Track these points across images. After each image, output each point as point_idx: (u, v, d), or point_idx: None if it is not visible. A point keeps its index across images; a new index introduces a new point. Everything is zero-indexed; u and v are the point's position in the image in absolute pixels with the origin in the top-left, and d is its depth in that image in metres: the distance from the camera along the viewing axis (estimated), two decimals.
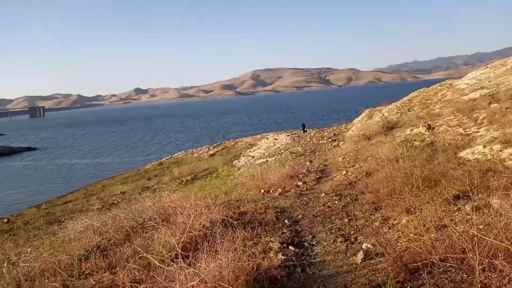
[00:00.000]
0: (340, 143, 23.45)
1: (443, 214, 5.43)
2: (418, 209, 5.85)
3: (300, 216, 7.06)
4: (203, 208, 7.84)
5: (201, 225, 6.62)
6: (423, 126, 13.40)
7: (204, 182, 23.37)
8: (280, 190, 9.64)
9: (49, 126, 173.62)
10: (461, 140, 10.34)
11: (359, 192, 7.98)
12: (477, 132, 10.50)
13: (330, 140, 26.33)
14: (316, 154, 20.86)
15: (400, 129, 15.90)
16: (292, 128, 47.53)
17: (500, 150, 7.90)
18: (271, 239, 5.81)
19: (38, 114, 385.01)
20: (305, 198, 8.43)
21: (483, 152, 8.34)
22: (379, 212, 6.44)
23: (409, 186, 6.92)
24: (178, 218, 7.18)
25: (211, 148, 45.79)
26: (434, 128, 13.31)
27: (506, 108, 10.81)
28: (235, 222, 6.87)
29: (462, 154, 8.97)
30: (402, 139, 13.26)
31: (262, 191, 9.95)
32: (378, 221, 5.92)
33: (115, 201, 25.10)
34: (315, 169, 12.43)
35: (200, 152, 45.13)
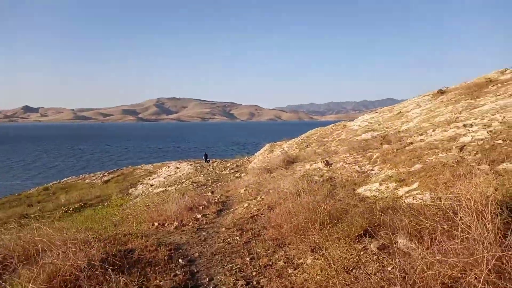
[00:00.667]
0: (242, 174, 23.30)
1: (349, 253, 5.16)
2: (323, 247, 5.53)
3: (197, 254, 6.24)
4: (82, 244, 6.56)
5: (75, 266, 5.38)
6: (321, 162, 13.79)
7: (94, 211, 20.98)
8: (177, 223, 8.70)
9: None
10: (358, 177, 10.73)
11: (262, 226, 7.49)
12: (372, 170, 11.03)
13: (232, 171, 26.08)
14: (219, 185, 20.28)
15: (300, 164, 16.24)
16: (195, 158, 46.63)
17: (395, 188, 8.22)
18: (161, 283, 4.89)
19: None
20: (204, 233, 7.64)
21: (379, 189, 8.62)
22: (283, 250, 5.98)
23: (312, 222, 6.66)
24: (46, 257, 5.80)
25: (106, 174, 42.50)
26: (331, 164, 13.80)
27: (397, 150, 11.65)
28: (118, 261, 5.76)
29: (360, 190, 9.19)
30: (302, 173, 13.43)
31: (156, 224, 8.87)
32: (282, 260, 5.43)
33: None
34: (216, 200, 11.74)
35: (94, 178, 41.58)
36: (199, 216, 9.34)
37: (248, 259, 5.70)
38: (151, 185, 31.77)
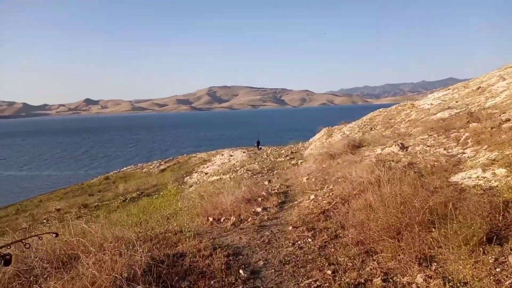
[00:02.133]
0: (299, 161, 21.86)
1: (477, 269, 3.59)
2: (434, 258, 3.98)
3: (261, 263, 4.94)
4: (126, 246, 5.55)
5: (112, 278, 4.32)
6: (395, 145, 11.94)
7: (148, 202, 20.73)
8: (234, 218, 7.50)
9: None
10: (446, 162, 8.86)
11: (338, 225, 6.04)
12: (463, 153, 9.09)
13: (288, 158, 24.72)
14: (275, 173, 19.06)
15: (367, 148, 14.44)
16: (248, 145, 45.91)
17: (508, 176, 6.36)
18: None
19: None
20: (267, 233, 6.33)
21: (484, 177, 6.79)
22: (374, 260, 4.51)
23: (408, 222, 5.10)
24: (80, 264, 4.83)
25: (162, 163, 43.31)
26: (408, 147, 11.91)
27: (492, 128, 9.55)
28: (165, 270, 4.64)
29: (455, 178, 7.39)
30: (373, 159, 11.70)
31: (211, 219, 7.74)
32: (379, 277, 3.96)
33: (45, 220, 22.01)
34: (276, 190, 10.42)
35: (151, 167, 42.54)
36: (259, 209, 8.07)
37: (329, 272, 4.30)
38: (206, 174, 31.48)
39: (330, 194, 8.40)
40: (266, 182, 14.99)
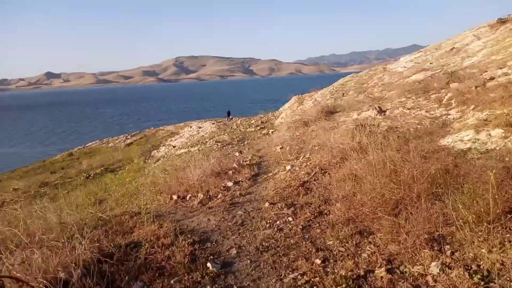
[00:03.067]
0: (271, 131, 21.03)
1: (506, 252, 2.83)
2: (447, 239, 3.21)
3: (234, 252, 4.05)
4: (65, 237, 4.52)
5: (40, 285, 3.30)
6: (373, 109, 11.23)
7: (113, 177, 19.45)
8: (202, 195, 6.54)
9: None
10: (431, 124, 8.21)
11: (321, 199, 5.23)
12: (448, 114, 8.46)
13: (258, 128, 23.80)
14: (246, 143, 18.15)
15: (342, 114, 13.72)
16: (218, 117, 44.58)
17: (505, 137, 5.72)
18: None
19: None
20: (240, 212, 5.43)
21: (477, 139, 6.13)
22: (370, 243, 3.70)
23: (406, 192, 4.33)
24: (10, 260, 3.77)
25: (128, 137, 41.56)
26: (385, 111, 11.25)
27: (476, 87, 8.94)
28: (114, 267, 3.66)
29: (444, 142, 6.72)
30: (350, 124, 10.97)
31: (175, 197, 6.75)
32: (381, 267, 3.14)
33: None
34: (248, 162, 9.52)
35: (117, 141, 40.78)
36: (229, 184, 7.15)
37: (318, 261, 3.46)
38: (174, 147, 30.35)
39: (308, 163, 7.58)
40: (237, 153, 14.07)
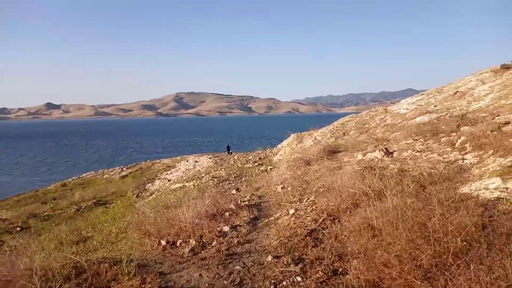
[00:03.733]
0: (269, 167, 20.37)
1: None
2: None
3: None
4: None
5: None
6: (379, 151, 10.63)
7: (103, 211, 18.52)
8: (194, 242, 5.75)
9: None
10: (445, 169, 7.57)
11: (334, 253, 4.46)
12: (463, 159, 7.85)
13: (256, 164, 23.16)
14: (243, 180, 17.44)
15: (345, 154, 13.10)
16: (215, 151, 44.01)
17: None
18: None
19: None
20: (238, 266, 4.62)
21: (506, 188, 5.46)
22: None
23: (440, 250, 3.60)
24: None
25: (124, 169, 40.95)
26: (392, 153, 10.65)
27: (492, 131, 8.40)
28: None
29: (465, 189, 6.04)
30: (355, 166, 10.33)
31: (164, 242, 5.94)
32: None
33: None
34: (246, 202, 8.76)
35: (112, 173, 40.18)
36: (226, 228, 6.36)
37: None
38: (169, 180, 29.61)
39: (314, 207, 6.84)
40: (234, 191, 13.31)
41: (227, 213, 7.44)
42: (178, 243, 5.88)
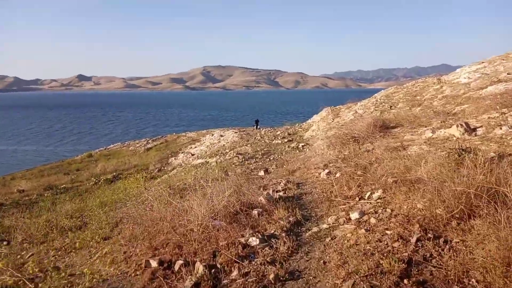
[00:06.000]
0: (301, 144, 17.95)
1: None
2: None
3: None
4: None
5: None
6: (458, 127, 7.94)
7: (116, 187, 16.75)
8: (202, 267, 3.47)
9: None
10: None
11: None
12: None
13: (285, 140, 20.77)
14: (272, 158, 15.15)
15: (403, 129, 10.45)
16: (241, 126, 41.92)
17: None
18: None
19: None
20: None
21: None
22: None
23: None
24: None
25: (150, 141, 40.06)
26: (475, 129, 7.98)
27: None
28: None
29: None
30: (425, 145, 7.73)
31: (155, 263, 3.70)
32: None
33: None
34: (281, 192, 6.41)
35: (137, 145, 39.45)
36: (254, 241, 4.04)
37: None
38: (192, 155, 27.90)
39: (390, 211, 4.42)
40: (262, 172, 11.01)
41: (255, 211, 5.11)
42: (176, 266, 3.63)
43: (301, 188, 6.71)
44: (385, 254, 3.29)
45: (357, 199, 5.33)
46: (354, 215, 4.44)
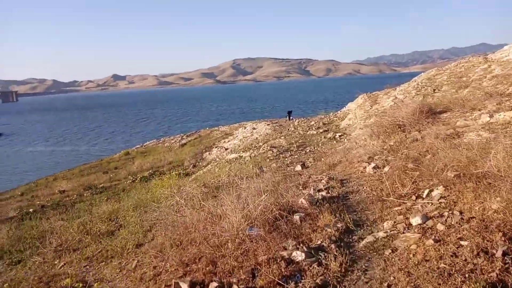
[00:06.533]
0: (337, 134, 17.10)
1: None
2: None
3: None
4: None
5: None
6: None
7: (154, 184, 16.57)
8: (242, 281, 2.95)
9: (21, 112, 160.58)
10: None
11: None
12: None
13: (321, 130, 19.90)
14: (308, 150, 14.44)
15: (453, 115, 9.45)
16: (274, 117, 41.24)
17: None
18: None
19: (11, 99, 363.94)
20: None
21: None
22: None
23: None
24: None
25: (184, 137, 40.23)
26: None
27: None
28: None
29: None
30: (484, 132, 6.83)
31: (185, 287, 3.21)
32: None
33: (40, 206, 19.03)
34: (323, 192, 5.78)
35: (172, 141, 39.73)
36: (299, 256, 3.46)
37: None
38: (226, 149, 27.60)
39: (456, 212, 3.71)
40: (299, 167, 10.38)
41: (296, 216, 4.53)
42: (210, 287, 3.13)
43: (345, 186, 6.04)
44: (466, 275, 2.62)
45: (414, 198, 4.62)
46: (416, 220, 3.75)
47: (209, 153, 28.80)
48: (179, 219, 5.32)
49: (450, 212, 3.81)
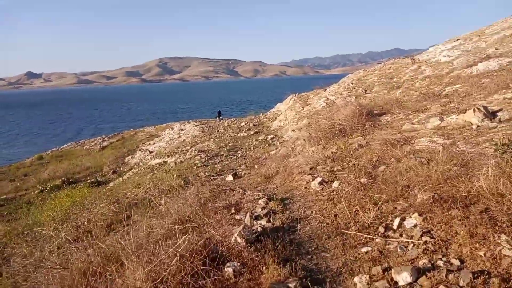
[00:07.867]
0: (269, 137, 16.19)
1: None
2: None
3: None
4: None
5: None
6: (476, 111, 6.30)
7: (63, 200, 14.05)
8: None
9: None
10: None
11: None
12: None
13: (252, 132, 18.93)
14: (239, 156, 13.25)
15: (394, 117, 8.74)
16: (202, 118, 39.41)
17: None
18: None
19: None
20: None
21: None
22: None
23: None
24: None
25: (105, 138, 37.03)
26: (495, 113, 6.40)
27: None
28: None
29: None
30: (439, 138, 6.04)
31: None
32: None
33: None
34: (262, 220, 4.44)
35: (93, 143, 36.41)
36: None
37: None
38: (150, 152, 25.56)
39: (454, 261, 2.60)
40: (230, 177, 9.07)
41: (228, 269, 3.11)
42: None
43: (289, 209, 4.75)
44: None
45: (382, 229, 3.46)
46: (404, 277, 2.55)
47: (131, 157, 26.39)
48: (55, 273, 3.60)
49: (446, 260, 2.67)
